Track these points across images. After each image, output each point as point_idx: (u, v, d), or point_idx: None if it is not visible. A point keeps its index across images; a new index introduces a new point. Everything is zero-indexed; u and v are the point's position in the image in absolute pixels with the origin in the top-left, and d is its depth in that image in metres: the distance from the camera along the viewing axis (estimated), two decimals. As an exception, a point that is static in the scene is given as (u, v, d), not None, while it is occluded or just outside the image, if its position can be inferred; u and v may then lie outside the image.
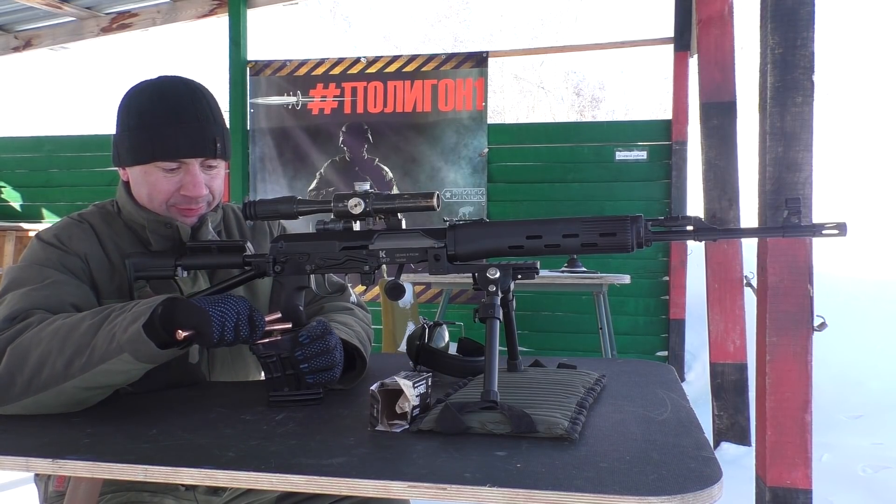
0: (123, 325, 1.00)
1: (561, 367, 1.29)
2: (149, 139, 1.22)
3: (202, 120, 1.23)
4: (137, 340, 0.98)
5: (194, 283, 1.30)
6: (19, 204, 5.70)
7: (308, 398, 1.08)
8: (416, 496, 0.76)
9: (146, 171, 1.24)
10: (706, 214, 3.37)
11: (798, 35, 1.83)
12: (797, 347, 1.85)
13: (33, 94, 17.39)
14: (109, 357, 0.99)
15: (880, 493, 2.78)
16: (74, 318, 1.05)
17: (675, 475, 0.76)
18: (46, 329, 1.04)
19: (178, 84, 1.26)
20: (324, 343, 1.06)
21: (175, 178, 1.24)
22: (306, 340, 1.05)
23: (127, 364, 0.99)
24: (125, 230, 1.29)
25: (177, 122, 1.21)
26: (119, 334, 0.99)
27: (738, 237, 1.19)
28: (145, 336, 0.97)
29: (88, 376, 1.00)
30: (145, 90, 1.25)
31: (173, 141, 1.21)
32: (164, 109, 1.22)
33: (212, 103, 1.27)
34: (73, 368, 1.00)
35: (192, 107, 1.23)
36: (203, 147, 1.23)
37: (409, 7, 17.81)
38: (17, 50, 5.69)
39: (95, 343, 1.00)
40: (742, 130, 3.37)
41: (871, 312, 5.14)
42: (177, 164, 1.23)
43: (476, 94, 4.84)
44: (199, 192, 1.24)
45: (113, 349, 0.99)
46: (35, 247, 1.22)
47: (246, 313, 1.04)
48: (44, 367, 1.00)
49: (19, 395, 1.01)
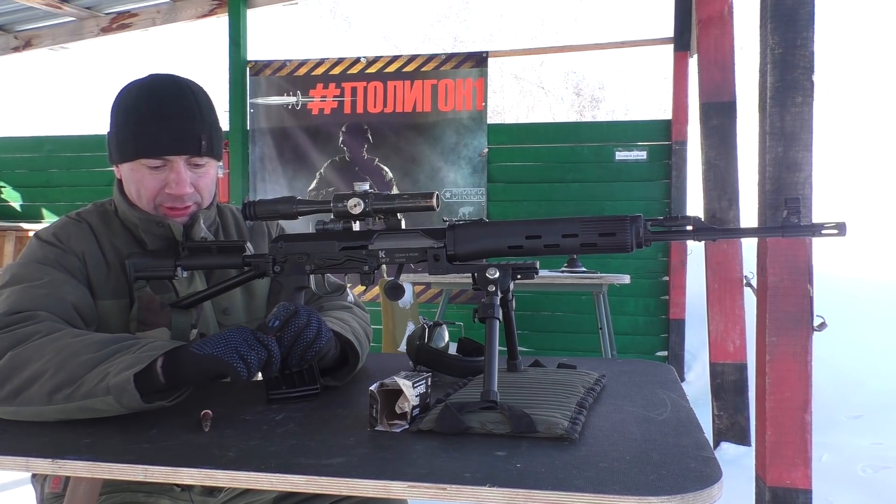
0: (118, 368, 0.97)
1: (561, 367, 1.29)
2: (133, 136, 1.22)
3: (187, 117, 1.22)
4: (124, 388, 0.94)
5: (190, 283, 1.30)
6: (19, 204, 5.70)
7: (306, 393, 1.09)
8: (415, 496, 0.76)
9: (133, 168, 1.24)
10: (706, 214, 3.37)
11: (798, 35, 1.83)
12: (797, 347, 1.85)
13: (33, 94, 17.40)
14: (94, 395, 0.96)
15: (880, 493, 2.78)
16: (80, 342, 1.02)
17: (675, 475, 0.76)
18: (51, 344, 1.02)
19: (165, 82, 1.25)
20: (295, 323, 1.05)
21: (160, 176, 1.23)
22: (276, 324, 1.04)
23: (108, 406, 0.96)
24: (122, 229, 1.28)
25: (160, 119, 1.21)
26: (111, 376, 0.96)
27: (737, 237, 1.19)
28: (133, 386, 0.94)
29: (70, 407, 0.97)
30: (134, 89, 1.25)
31: (156, 138, 1.20)
32: (149, 106, 1.22)
33: (200, 100, 1.26)
34: (58, 396, 0.97)
35: (178, 104, 1.22)
36: (187, 145, 1.22)
37: (409, 7, 17.82)
38: (17, 50, 5.69)
39: (86, 378, 0.97)
40: (742, 130, 3.37)
41: (871, 312, 5.14)
42: (161, 162, 1.22)
43: (476, 94, 4.84)
44: (182, 190, 1.23)
45: (99, 389, 0.96)
46: (34, 245, 1.22)
47: (252, 338, 1.01)
48: (33, 384, 0.98)
49: (3, 400, 1.00)
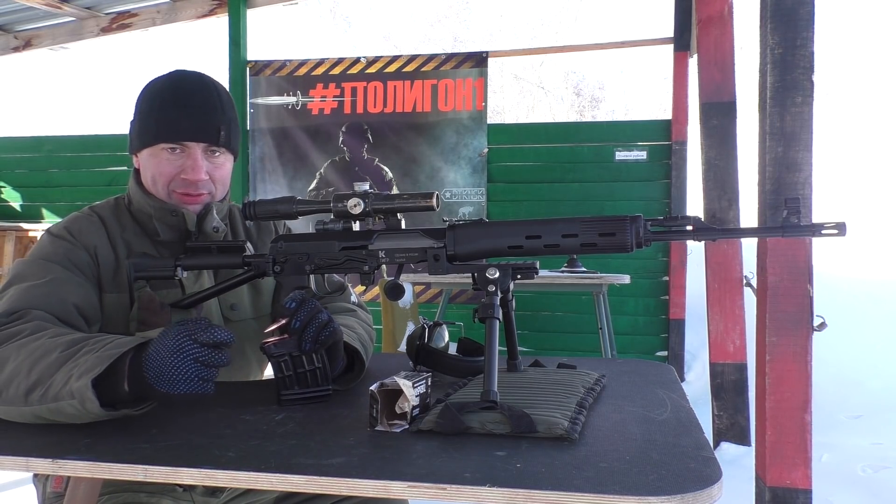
0: (80, 370, 0.93)
1: (561, 367, 1.29)
2: (154, 122, 1.26)
3: (208, 108, 1.27)
4: (84, 394, 0.91)
5: (197, 280, 1.31)
6: (19, 204, 5.69)
7: (318, 395, 1.09)
8: (415, 496, 0.76)
9: (152, 153, 1.28)
10: (706, 214, 3.37)
11: (798, 35, 1.83)
12: (797, 347, 1.85)
13: (33, 94, 17.41)
14: (61, 398, 0.93)
15: (880, 493, 2.78)
16: (53, 342, 1.00)
17: (675, 475, 0.76)
18: (29, 345, 1.01)
19: (190, 76, 1.30)
20: (311, 304, 1.07)
21: (178, 161, 1.27)
22: (292, 305, 1.06)
23: (76, 410, 0.93)
24: (132, 222, 1.31)
25: (182, 108, 1.25)
26: (73, 379, 0.93)
27: (737, 237, 1.19)
28: (91, 393, 0.91)
29: (44, 410, 0.95)
30: (159, 81, 1.30)
31: (177, 124, 1.25)
32: (172, 96, 1.26)
33: (223, 96, 1.31)
34: (33, 397, 0.96)
35: (200, 95, 1.27)
36: (206, 132, 1.26)
37: (409, 7, 17.82)
38: (17, 50, 5.69)
39: (55, 379, 0.95)
40: (742, 130, 3.37)
41: (871, 312, 5.14)
42: (180, 147, 1.26)
43: (476, 94, 4.83)
44: (197, 175, 1.26)
45: (65, 392, 0.93)
46: (44, 240, 1.24)
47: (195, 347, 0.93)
48: (10, 385, 0.97)
49: None
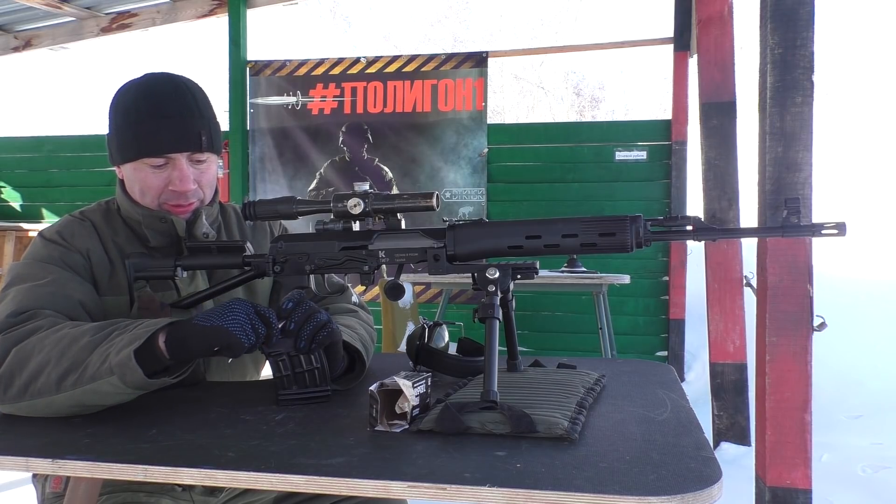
0: (118, 347, 0.97)
1: (561, 367, 1.29)
2: (134, 137, 1.23)
3: (186, 114, 1.24)
4: (127, 365, 0.96)
5: (191, 282, 1.30)
6: (19, 204, 5.70)
7: (316, 395, 1.09)
8: (415, 496, 0.76)
9: (135, 167, 1.25)
10: (706, 214, 3.37)
11: (798, 35, 1.83)
12: (797, 347, 1.85)
13: (33, 94, 17.41)
14: (99, 377, 0.97)
15: (880, 493, 2.78)
16: (79, 330, 1.04)
17: (675, 475, 0.76)
18: (52, 336, 1.03)
19: (161, 80, 1.26)
20: (307, 304, 1.07)
21: (163, 174, 1.25)
22: (289, 305, 1.06)
23: (114, 387, 0.97)
24: (124, 227, 1.30)
25: (160, 118, 1.22)
26: (112, 355, 0.97)
27: (737, 237, 1.19)
28: (134, 362, 0.95)
29: (78, 393, 0.98)
30: (131, 89, 1.26)
31: (157, 137, 1.22)
32: (147, 106, 1.23)
33: (198, 97, 1.27)
34: (66, 383, 0.98)
35: (176, 102, 1.24)
36: (188, 141, 1.23)
37: (409, 7, 17.83)
38: (17, 50, 5.69)
39: (90, 360, 0.98)
40: (742, 130, 3.37)
41: (871, 312, 5.13)
42: (164, 160, 1.23)
43: (476, 94, 4.84)
44: (186, 186, 1.25)
45: (104, 370, 0.97)
46: (38, 244, 1.23)
47: (252, 310, 1.03)
48: (40, 375, 0.99)
49: (15, 397, 1.01)
